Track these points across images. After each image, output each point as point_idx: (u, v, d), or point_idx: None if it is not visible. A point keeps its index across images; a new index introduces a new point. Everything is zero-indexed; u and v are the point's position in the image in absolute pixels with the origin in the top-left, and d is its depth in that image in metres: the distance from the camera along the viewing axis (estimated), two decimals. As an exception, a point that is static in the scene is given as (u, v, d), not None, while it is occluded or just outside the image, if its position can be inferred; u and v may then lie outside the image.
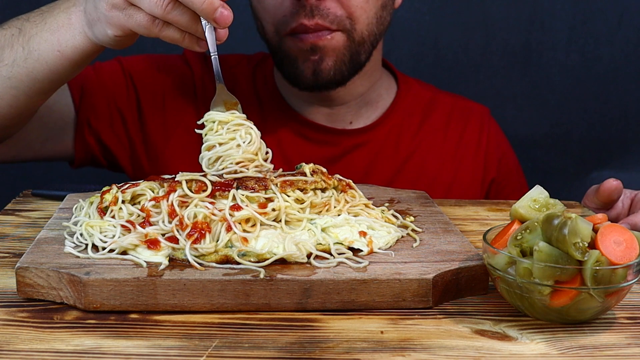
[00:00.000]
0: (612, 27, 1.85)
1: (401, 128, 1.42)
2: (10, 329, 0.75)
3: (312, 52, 1.24)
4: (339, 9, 1.23)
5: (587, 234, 0.74)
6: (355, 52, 1.27)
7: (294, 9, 1.22)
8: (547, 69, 1.88)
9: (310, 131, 1.38)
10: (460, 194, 1.38)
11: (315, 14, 1.21)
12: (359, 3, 1.24)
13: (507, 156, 1.50)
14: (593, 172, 1.92)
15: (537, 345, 0.74)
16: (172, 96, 1.39)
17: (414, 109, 1.45)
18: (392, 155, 1.41)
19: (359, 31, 1.25)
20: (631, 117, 1.91)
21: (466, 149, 1.45)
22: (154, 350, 0.71)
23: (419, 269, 0.83)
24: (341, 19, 1.23)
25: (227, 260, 0.83)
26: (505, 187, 1.47)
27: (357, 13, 1.24)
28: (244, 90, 1.41)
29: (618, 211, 1.11)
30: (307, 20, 1.21)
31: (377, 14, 1.27)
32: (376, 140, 1.41)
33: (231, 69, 1.43)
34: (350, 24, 1.24)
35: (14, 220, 1.07)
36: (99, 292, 0.78)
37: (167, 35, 0.97)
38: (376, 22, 1.28)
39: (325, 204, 0.94)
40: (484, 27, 1.87)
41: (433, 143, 1.44)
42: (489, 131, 1.48)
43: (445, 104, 1.48)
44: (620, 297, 0.77)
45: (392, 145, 1.41)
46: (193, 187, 0.89)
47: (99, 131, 1.36)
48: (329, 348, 0.73)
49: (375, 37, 1.30)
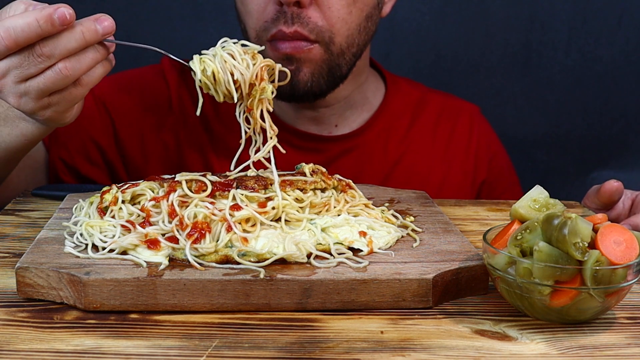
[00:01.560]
0: (612, 27, 1.85)
1: (389, 131, 1.40)
2: (10, 329, 0.75)
3: (288, 62, 1.20)
4: (321, 19, 1.19)
5: (587, 234, 0.74)
6: (334, 65, 1.24)
7: (275, 15, 1.19)
8: (547, 69, 1.88)
9: (295, 138, 1.34)
10: (450, 196, 1.36)
11: (295, 22, 1.18)
12: (341, 15, 1.20)
13: (498, 156, 1.48)
14: (593, 172, 1.92)
15: (537, 345, 0.74)
16: (148, 114, 1.36)
17: (402, 110, 1.42)
18: (380, 160, 1.38)
19: (338, 44, 1.22)
20: (631, 117, 1.91)
21: (456, 150, 1.43)
22: (154, 350, 0.71)
23: (419, 269, 0.83)
24: (321, 30, 1.19)
25: (227, 260, 0.83)
26: (497, 187, 1.46)
27: (338, 25, 1.21)
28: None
29: (618, 212, 1.11)
30: (286, 27, 1.18)
31: (360, 26, 1.24)
32: (363, 145, 1.38)
33: None
34: (330, 36, 1.20)
35: (14, 220, 1.07)
36: (99, 292, 0.78)
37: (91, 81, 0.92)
38: (358, 33, 1.24)
39: (325, 204, 0.94)
40: (484, 27, 1.87)
41: (422, 145, 1.41)
42: (479, 131, 1.46)
43: (434, 104, 1.46)
44: (620, 297, 0.77)
45: (380, 149, 1.39)
46: (193, 187, 0.89)
47: (76, 167, 1.32)
48: (329, 348, 0.73)
49: (358, 47, 1.27)
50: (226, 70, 0.97)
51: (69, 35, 0.88)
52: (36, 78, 0.90)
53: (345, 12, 1.21)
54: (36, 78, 0.90)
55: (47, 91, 0.91)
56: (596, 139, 1.92)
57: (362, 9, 1.23)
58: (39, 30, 0.86)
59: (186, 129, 1.36)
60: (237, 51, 0.98)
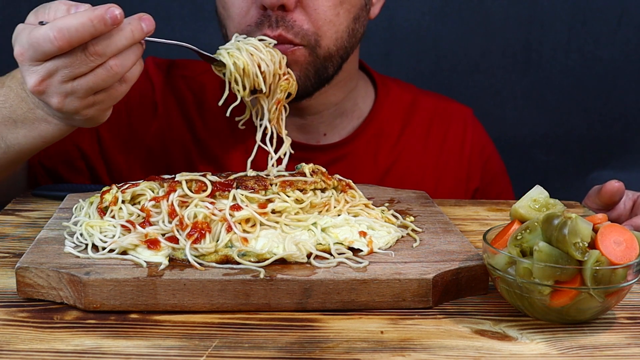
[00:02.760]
0: (612, 27, 1.85)
1: (380, 138, 1.35)
2: (10, 329, 0.75)
3: None
4: (306, 22, 1.14)
5: (587, 234, 0.74)
6: (321, 67, 1.19)
7: (259, 19, 1.14)
8: (547, 69, 1.88)
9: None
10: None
11: (280, 25, 1.12)
12: (328, 17, 1.15)
13: (491, 160, 1.45)
14: (593, 172, 1.92)
15: (537, 345, 0.74)
16: (133, 119, 1.32)
17: (393, 116, 1.38)
18: (370, 168, 1.34)
19: (325, 47, 1.17)
20: (631, 117, 1.92)
21: (448, 156, 1.39)
22: (154, 350, 0.71)
23: (419, 269, 0.83)
24: (306, 34, 1.14)
25: (227, 260, 0.83)
26: (490, 192, 1.43)
27: (324, 28, 1.16)
28: (212, 101, 1.32)
29: (619, 212, 1.11)
30: (270, 31, 1.12)
31: (348, 27, 1.19)
32: (353, 153, 1.33)
33: (197, 77, 1.35)
34: (316, 40, 1.15)
35: (14, 220, 1.07)
36: (99, 292, 0.78)
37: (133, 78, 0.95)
38: (347, 36, 1.20)
39: (325, 204, 0.94)
40: (484, 27, 1.87)
41: (414, 152, 1.37)
42: (473, 136, 1.42)
43: (426, 107, 1.41)
44: (620, 297, 0.77)
45: (370, 157, 1.34)
46: (193, 187, 0.89)
47: (57, 171, 1.30)
48: (329, 348, 0.73)
49: (346, 50, 1.22)
50: (254, 63, 0.98)
51: (120, 34, 0.90)
52: (85, 76, 0.91)
53: (332, 14, 1.16)
54: (85, 76, 0.91)
55: (95, 89, 0.92)
56: (596, 139, 1.92)
57: (349, 10, 1.19)
58: (92, 30, 0.87)
59: (171, 134, 1.33)
60: (260, 44, 1.00)
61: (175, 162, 1.32)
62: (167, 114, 1.33)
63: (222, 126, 1.30)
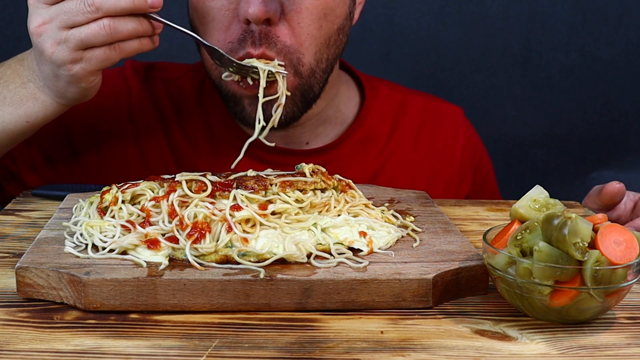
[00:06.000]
0: (612, 27, 1.86)
1: (367, 142, 1.31)
2: (10, 329, 0.75)
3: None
4: (289, 37, 1.10)
5: (587, 234, 0.74)
6: (307, 88, 1.16)
7: (241, 35, 1.09)
8: (547, 69, 1.88)
9: (264, 153, 1.24)
10: None
11: (263, 42, 1.08)
12: (310, 31, 1.11)
13: (482, 162, 1.43)
14: (593, 172, 1.92)
15: (537, 345, 0.74)
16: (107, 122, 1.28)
17: (382, 118, 1.33)
18: (358, 173, 1.28)
19: (307, 64, 1.13)
20: (631, 117, 1.92)
21: (439, 160, 1.36)
22: (154, 350, 0.71)
23: (419, 269, 0.83)
24: (289, 51, 1.10)
25: (227, 260, 0.84)
26: (482, 196, 1.40)
27: (307, 43, 1.11)
28: (191, 105, 1.30)
29: (620, 213, 1.11)
30: (254, 48, 1.08)
31: (329, 39, 1.15)
32: (338, 158, 1.29)
33: (177, 80, 1.32)
34: (298, 57, 1.12)
35: (14, 220, 1.07)
36: (99, 292, 0.78)
37: (126, 50, 0.98)
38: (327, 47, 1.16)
39: (325, 204, 0.94)
40: (484, 27, 1.87)
41: (404, 154, 1.34)
42: (464, 138, 1.39)
43: (416, 107, 1.38)
44: (620, 297, 0.77)
45: (358, 162, 1.30)
46: (193, 187, 0.89)
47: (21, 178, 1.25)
48: (329, 348, 0.73)
49: (328, 62, 1.17)
50: None
51: None
52: (80, 28, 0.96)
53: (314, 28, 1.12)
54: (80, 28, 0.96)
55: (86, 43, 0.96)
56: (596, 139, 1.92)
57: (333, 21, 1.14)
58: None
59: (147, 139, 1.29)
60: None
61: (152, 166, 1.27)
62: (143, 117, 1.29)
63: (199, 131, 1.28)
